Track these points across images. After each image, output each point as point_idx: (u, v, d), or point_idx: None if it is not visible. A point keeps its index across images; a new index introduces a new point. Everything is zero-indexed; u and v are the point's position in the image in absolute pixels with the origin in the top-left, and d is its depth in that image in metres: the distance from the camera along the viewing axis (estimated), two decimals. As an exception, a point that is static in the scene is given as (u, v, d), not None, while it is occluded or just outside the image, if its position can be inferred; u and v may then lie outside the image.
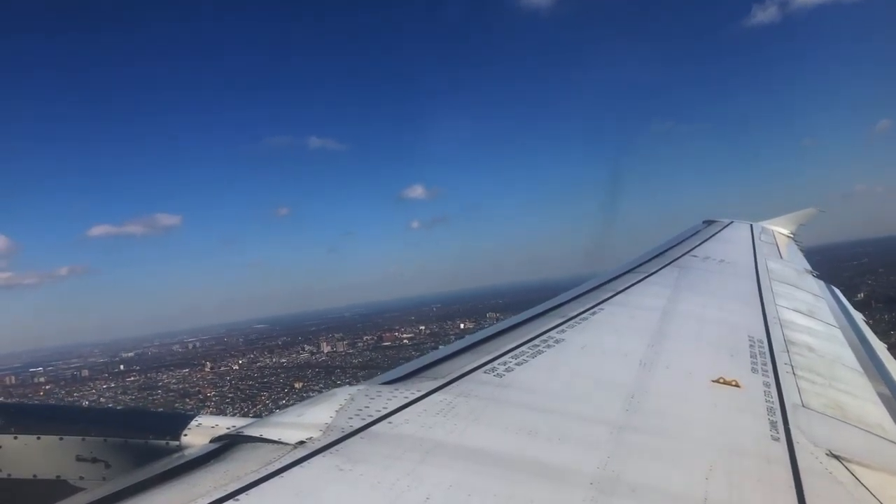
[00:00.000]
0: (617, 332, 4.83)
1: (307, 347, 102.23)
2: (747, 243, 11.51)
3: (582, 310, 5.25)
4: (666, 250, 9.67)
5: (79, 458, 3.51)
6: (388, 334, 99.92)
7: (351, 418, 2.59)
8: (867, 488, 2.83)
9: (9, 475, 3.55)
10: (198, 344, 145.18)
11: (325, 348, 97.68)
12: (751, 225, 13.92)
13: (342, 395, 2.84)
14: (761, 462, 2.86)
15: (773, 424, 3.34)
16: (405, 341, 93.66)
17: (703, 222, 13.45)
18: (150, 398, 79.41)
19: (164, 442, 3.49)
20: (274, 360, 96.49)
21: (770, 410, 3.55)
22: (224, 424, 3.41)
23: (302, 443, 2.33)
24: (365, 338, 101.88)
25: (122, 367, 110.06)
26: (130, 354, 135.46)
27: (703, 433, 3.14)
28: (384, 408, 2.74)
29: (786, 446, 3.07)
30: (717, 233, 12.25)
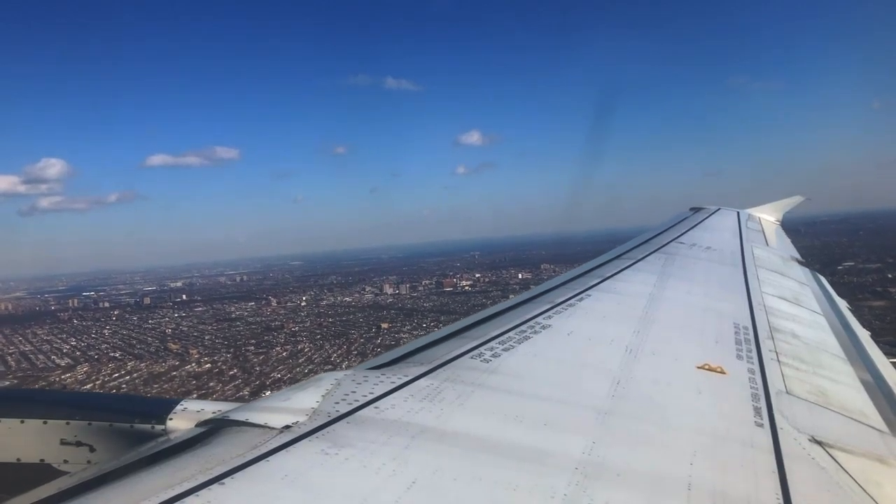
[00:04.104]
0: (603, 318, 4.84)
1: (368, 288, 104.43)
2: (734, 230, 11.58)
3: (569, 296, 5.26)
4: (653, 237, 9.72)
5: (63, 442, 3.47)
6: (447, 280, 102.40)
7: (337, 403, 2.58)
8: (849, 473, 2.87)
9: None
10: (245, 277, 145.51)
11: (388, 290, 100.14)
12: (738, 212, 14.01)
13: (328, 379, 2.84)
14: (745, 447, 2.89)
15: (757, 410, 3.37)
16: (466, 288, 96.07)
17: (691, 209, 13.52)
18: (233, 329, 79.21)
19: (149, 426, 3.46)
20: (338, 298, 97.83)
21: (754, 397, 3.59)
22: (210, 409, 3.38)
23: (288, 427, 2.33)
24: (424, 282, 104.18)
25: (184, 296, 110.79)
26: (178, 284, 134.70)
27: (688, 419, 3.16)
28: (370, 393, 2.74)
29: (769, 432, 3.10)
30: (703, 220, 12.31)
